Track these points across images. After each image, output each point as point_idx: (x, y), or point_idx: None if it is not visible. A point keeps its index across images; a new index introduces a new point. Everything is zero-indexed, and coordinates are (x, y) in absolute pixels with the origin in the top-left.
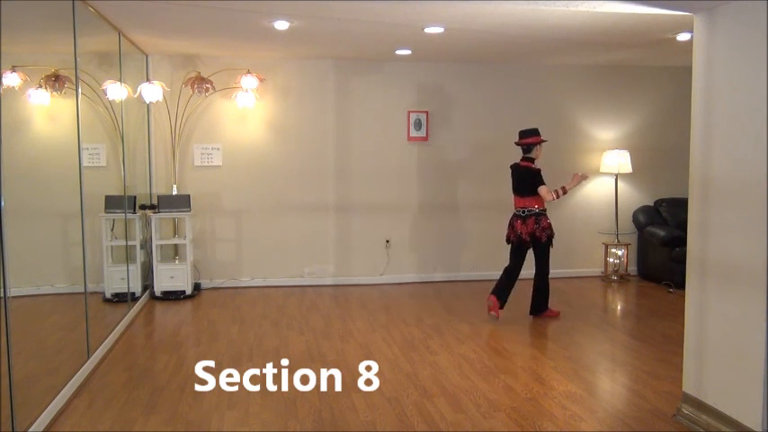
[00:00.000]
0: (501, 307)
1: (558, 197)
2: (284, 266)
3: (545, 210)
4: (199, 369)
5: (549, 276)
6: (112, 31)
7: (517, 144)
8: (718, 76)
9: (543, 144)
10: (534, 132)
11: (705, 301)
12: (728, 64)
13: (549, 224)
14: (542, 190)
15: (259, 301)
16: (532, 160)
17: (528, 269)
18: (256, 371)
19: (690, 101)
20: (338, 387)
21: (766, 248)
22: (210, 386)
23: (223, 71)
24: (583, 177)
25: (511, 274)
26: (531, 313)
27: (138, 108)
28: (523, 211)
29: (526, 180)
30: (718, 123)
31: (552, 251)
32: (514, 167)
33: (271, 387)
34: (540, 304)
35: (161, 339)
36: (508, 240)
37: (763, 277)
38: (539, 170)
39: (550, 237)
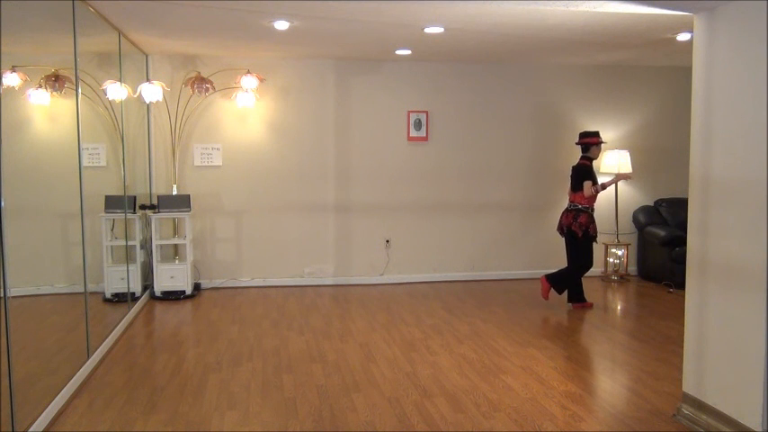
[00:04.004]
0: (550, 290)
1: (596, 192)
2: (284, 266)
3: (588, 207)
4: (199, 369)
5: (585, 274)
6: (112, 31)
7: (577, 144)
8: (718, 76)
9: (601, 145)
10: (592, 134)
11: (705, 301)
12: (728, 64)
13: (587, 221)
14: (586, 184)
15: (259, 301)
16: (589, 159)
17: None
18: (256, 371)
19: (690, 101)
20: (338, 387)
21: (766, 248)
22: (211, 386)
23: (223, 71)
24: (622, 177)
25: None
26: (568, 299)
27: (138, 108)
28: (570, 206)
29: (576, 176)
30: (718, 123)
31: (552, 251)
32: (573, 166)
33: (270, 387)
34: (559, 285)
35: (161, 339)
36: (559, 231)
37: (763, 277)
38: (589, 167)
39: (586, 233)
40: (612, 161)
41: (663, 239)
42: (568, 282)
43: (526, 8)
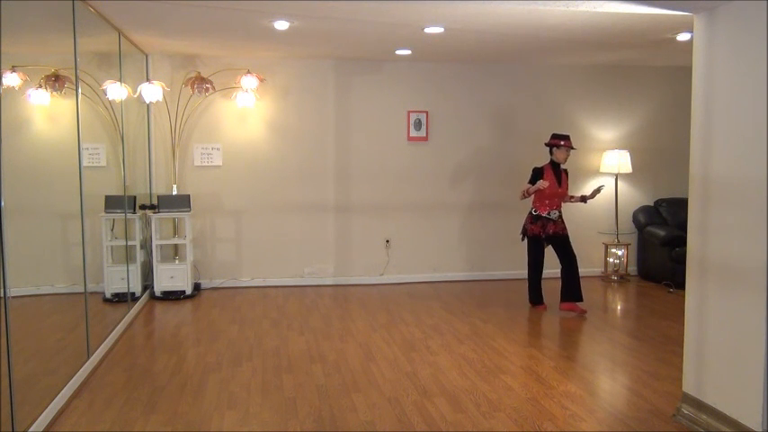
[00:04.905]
0: (540, 304)
1: (521, 197)
2: (284, 266)
3: (533, 209)
4: (199, 369)
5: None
6: (112, 31)
7: (545, 144)
8: (718, 76)
9: (571, 151)
10: (559, 137)
11: (705, 301)
12: (728, 64)
13: (527, 222)
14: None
15: (259, 301)
16: (552, 162)
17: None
18: (256, 371)
19: (690, 101)
20: (338, 387)
21: (766, 248)
22: (211, 386)
23: (223, 71)
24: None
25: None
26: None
27: (138, 108)
28: None
29: None
30: (718, 123)
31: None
32: None
33: (271, 387)
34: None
35: (161, 339)
36: None
37: (763, 277)
38: (535, 169)
39: (524, 233)
40: (612, 161)
41: (663, 239)
42: (530, 286)
43: (526, 8)
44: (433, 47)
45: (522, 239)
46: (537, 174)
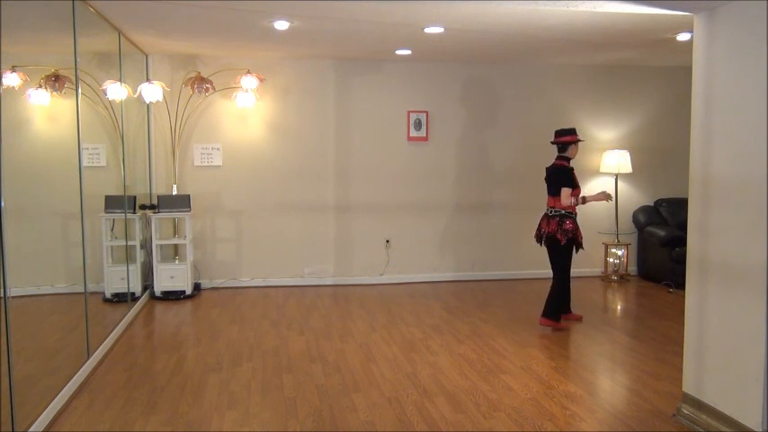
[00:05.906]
0: (556, 320)
1: (576, 204)
2: (284, 266)
3: (572, 212)
4: (199, 369)
5: (568, 283)
6: (112, 31)
7: (553, 143)
8: (718, 76)
9: (579, 144)
10: (570, 132)
11: (705, 301)
12: (728, 64)
13: (572, 227)
14: (564, 191)
15: (259, 301)
16: (567, 159)
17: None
18: (256, 371)
19: (690, 101)
20: (338, 387)
21: (766, 248)
22: (210, 386)
23: (223, 71)
24: (605, 197)
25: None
26: (541, 315)
27: (138, 108)
28: (551, 211)
29: (556, 178)
30: (718, 123)
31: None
32: (549, 167)
33: (270, 387)
34: (548, 308)
35: (161, 339)
36: (537, 240)
37: (763, 277)
38: (571, 169)
39: (571, 240)
40: (612, 161)
41: (663, 239)
42: (560, 299)
43: (526, 8)
44: (433, 47)
45: (564, 246)
46: (571, 175)
